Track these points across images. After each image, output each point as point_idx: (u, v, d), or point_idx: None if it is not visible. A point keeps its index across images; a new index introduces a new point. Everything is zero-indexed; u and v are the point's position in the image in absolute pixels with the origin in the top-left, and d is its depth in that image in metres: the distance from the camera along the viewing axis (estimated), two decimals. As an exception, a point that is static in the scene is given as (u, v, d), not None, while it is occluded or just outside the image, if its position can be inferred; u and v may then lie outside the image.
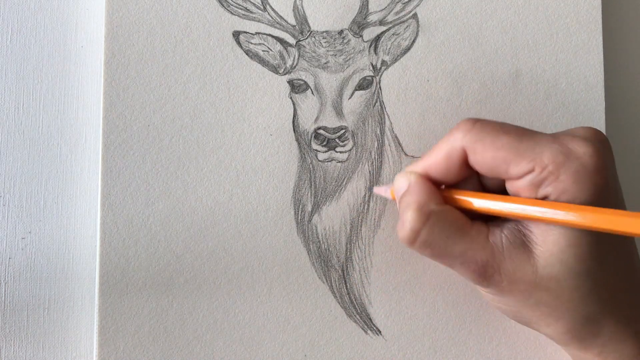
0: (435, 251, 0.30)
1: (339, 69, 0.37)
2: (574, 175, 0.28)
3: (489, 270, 0.30)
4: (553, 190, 0.28)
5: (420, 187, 0.31)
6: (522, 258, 0.29)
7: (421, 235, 0.30)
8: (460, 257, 0.30)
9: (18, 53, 0.38)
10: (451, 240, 0.30)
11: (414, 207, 0.30)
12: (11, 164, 0.38)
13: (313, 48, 0.38)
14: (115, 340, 0.35)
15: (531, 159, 0.29)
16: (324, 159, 0.37)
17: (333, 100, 0.37)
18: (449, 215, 0.30)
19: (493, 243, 0.30)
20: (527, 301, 0.30)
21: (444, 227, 0.30)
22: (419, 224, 0.30)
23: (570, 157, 0.28)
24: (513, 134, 0.29)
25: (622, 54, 0.42)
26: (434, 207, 0.30)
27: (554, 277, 0.29)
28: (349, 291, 0.37)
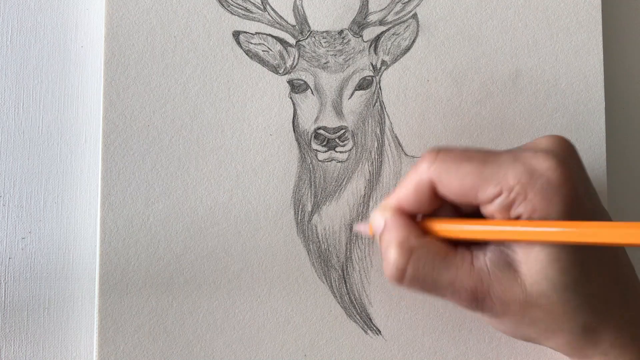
0: (425, 285, 0.30)
1: (339, 69, 0.37)
2: (541, 193, 0.28)
3: (479, 296, 0.30)
4: (524, 210, 0.28)
5: (397, 223, 0.31)
6: (510, 278, 0.29)
7: (407, 272, 0.30)
8: (450, 286, 0.30)
9: (18, 53, 0.38)
10: (436, 271, 0.30)
11: (395, 245, 0.30)
12: (11, 164, 0.38)
13: (313, 48, 0.38)
14: (115, 340, 0.35)
15: (497, 183, 0.29)
16: (324, 159, 0.37)
17: (333, 100, 0.37)
18: (431, 247, 0.30)
19: (478, 268, 0.30)
20: (522, 320, 0.30)
21: (428, 260, 0.30)
22: (403, 261, 0.30)
23: (535, 175, 0.28)
24: (476, 160, 0.30)
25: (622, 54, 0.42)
26: (415, 241, 0.30)
27: (543, 294, 0.29)
28: (349, 291, 0.37)
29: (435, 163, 0.30)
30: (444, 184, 0.30)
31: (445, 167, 0.30)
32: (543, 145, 0.30)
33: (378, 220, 0.32)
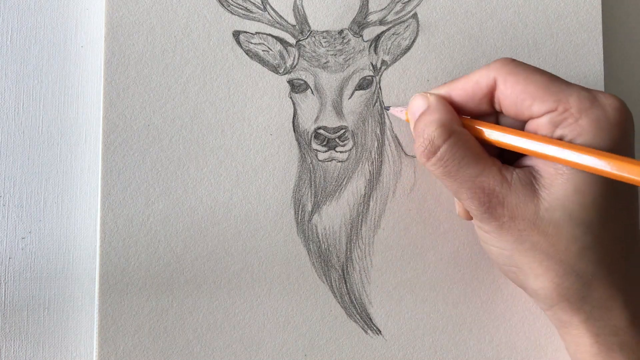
0: (448, 170, 0.31)
1: (339, 69, 0.37)
2: (593, 122, 0.29)
3: (493, 200, 0.30)
4: (569, 131, 0.29)
5: (443, 107, 0.32)
6: (527, 195, 0.30)
7: (440, 151, 0.31)
8: (470, 181, 0.30)
9: (18, 53, 0.38)
10: (465, 161, 0.30)
11: (438, 124, 0.31)
12: (11, 164, 0.38)
13: (313, 48, 0.38)
14: (115, 340, 0.35)
15: (557, 99, 0.29)
16: (324, 158, 0.37)
17: (333, 100, 0.37)
18: (468, 139, 0.31)
19: (503, 176, 0.30)
20: (523, 243, 0.30)
21: (461, 148, 0.31)
22: (440, 139, 0.31)
23: (595, 104, 0.29)
24: (547, 74, 0.30)
25: (622, 54, 0.42)
26: (456, 127, 0.31)
27: (554, 222, 0.29)
28: (349, 291, 0.37)
29: (508, 65, 0.31)
30: (507, 86, 0.30)
31: (515, 70, 0.30)
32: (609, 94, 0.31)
33: (419, 103, 0.33)
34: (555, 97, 0.29)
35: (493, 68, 0.31)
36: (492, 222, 0.30)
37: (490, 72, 0.31)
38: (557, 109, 0.29)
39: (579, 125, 0.29)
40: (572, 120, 0.29)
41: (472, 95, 0.32)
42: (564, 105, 0.29)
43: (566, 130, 0.29)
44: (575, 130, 0.29)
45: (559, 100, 0.29)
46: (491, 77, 0.31)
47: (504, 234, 0.30)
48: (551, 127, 0.30)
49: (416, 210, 0.37)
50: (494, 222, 0.30)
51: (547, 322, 0.37)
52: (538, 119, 0.30)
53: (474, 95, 0.32)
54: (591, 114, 0.29)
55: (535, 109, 0.30)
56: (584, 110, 0.29)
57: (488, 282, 0.37)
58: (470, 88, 0.32)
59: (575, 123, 0.29)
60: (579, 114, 0.29)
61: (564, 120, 0.29)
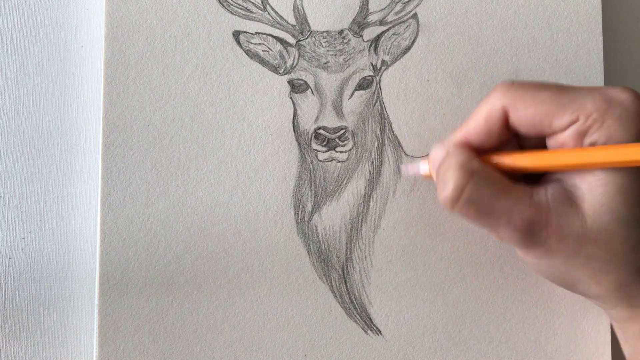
0: (480, 209, 0.30)
1: (339, 69, 0.37)
2: (618, 120, 0.29)
3: (535, 227, 0.29)
4: (599, 136, 0.29)
5: (460, 150, 0.31)
6: (570, 212, 0.29)
7: (465, 193, 0.30)
8: (506, 214, 0.29)
9: (18, 53, 0.38)
10: (496, 197, 0.29)
11: (457, 166, 0.30)
12: (11, 164, 0.38)
13: (313, 48, 0.38)
14: (115, 340, 0.35)
15: (574, 110, 0.29)
16: (324, 158, 0.37)
17: (333, 100, 0.37)
18: (492, 174, 0.30)
19: (538, 200, 0.30)
20: (577, 258, 0.29)
21: (487, 185, 0.30)
22: (463, 181, 0.30)
23: (613, 103, 0.29)
24: (552, 88, 0.30)
25: (622, 54, 0.42)
26: (477, 165, 0.30)
27: (604, 228, 0.29)
28: (349, 291, 0.37)
29: (510, 90, 0.30)
30: (518, 111, 0.30)
31: (520, 94, 0.30)
32: (616, 87, 0.30)
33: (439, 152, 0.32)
34: (572, 109, 0.29)
35: (498, 97, 0.30)
36: (539, 248, 0.30)
37: (497, 103, 0.30)
38: (579, 119, 0.29)
39: (606, 127, 0.29)
40: (598, 125, 0.29)
41: (488, 132, 0.31)
42: (584, 113, 0.29)
43: (595, 137, 0.29)
44: (603, 134, 0.29)
45: (577, 111, 0.29)
46: (500, 108, 0.30)
47: (554, 256, 0.30)
48: (579, 137, 0.29)
49: (416, 210, 0.37)
50: (541, 247, 0.30)
51: (547, 322, 0.37)
52: (562, 133, 0.29)
53: (489, 131, 0.31)
54: (613, 114, 0.29)
55: (556, 125, 0.29)
56: (605, 112, 0.29)
57: (488, 282, 0.37)
58: (483, 125, 0.31)
59: (601, 127, 0.29)
60: (602, 117, 0.29)
61: (589, 127, 0.29)
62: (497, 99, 0.30)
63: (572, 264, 0.30)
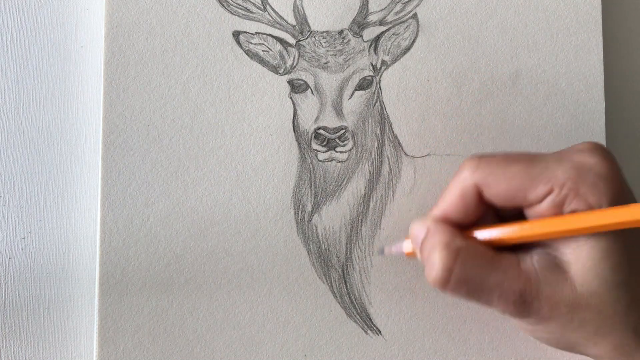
0: (471, 287, 0.29)
1: (339, 69, 0.37)
2: (593, 187, 0.28)
3: (527, 298, 0.29)
4: (577, 205, 0.28)
5: (441, 228, 0.31)
6: (559, 279, 0.29)
7: (454, 273, 0.29)
8: (497, 289, 0.29)
9: (18, 53, 0.38)
10: (485, 273, 0.29)
11: (441, 246, 0.30)
12: (11, 164, 0.38)
13: (313, 48, 0.38)
14: (115, 340, 0.35)
15: (547, 181, 0.29)
16: (324, 159, 0.37)
17: (333, 100, 0.37)
18: (477, 249, 0.30)
19: (526, 270, 0.29)
20: (571, 324, 0.29)
21: (475, 261, 0.29)
22: (450, 261, 0.29)
23: (584, 169, 0.29)
24: (521, 161, 0.30)
25: (622, 54, 0.42)
26: (461, 242, 0.30)
27: (594, 293, 0.29)
28: (349, 291, 0.37)
29: (479, 168, 0.30)
30: (490, 188, 0.30)
31: (490, 171, 0.30)
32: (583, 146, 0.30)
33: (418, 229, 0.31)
34: (544, 180, 0.29)
35: (468, 176, 0.30)
36: (533, 317, 0.30)
37: (467, 181, 0.30)
38: (554, 190, 0.29)
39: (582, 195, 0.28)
40: (574, 194, 0.28)
41: (464, 208, 0.31)
42: (557, 184, 0.29)
43: (573, 205, 0.29)
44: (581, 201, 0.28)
45: (549, 182, 0.29)
46: (472, 185, 0.30)
47: (548, 323, 0.30)
48: (557, 208, 0.29)
49: (416, 210, 0.37)
50: (535, 316, 0.30)
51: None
52: (539, 204, 0.29)
53: (466, 208, 0.31)
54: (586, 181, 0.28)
55: (531, 198, 0.29)
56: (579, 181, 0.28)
57: (488, 282, 0.37)
58: (459, 203, 0.31)
59: (577, 197, 0.28)
60: (576, 186, 0.28)
61: (565, 197, 0.29)
62: (468, 176, 0.30)
63: (567, 329, 0.30)
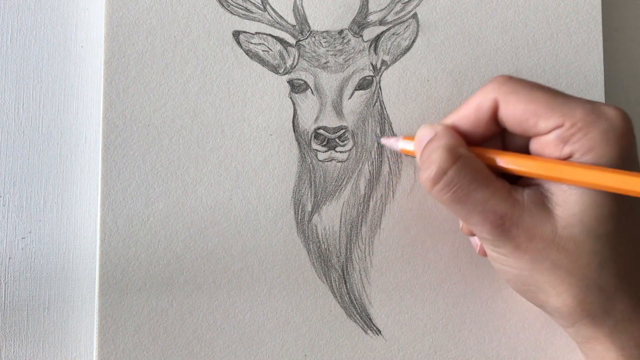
0: (457, 195, 0.30)
1: (339, 69, 0.37)
2: (602, 134, 0.28)
3: (507, 222, 0.29)
4: (580, 147, 0.29)
5: (449, 133, 0.31)
6: (542, 215, 0.29)
7: (447, 175, 0.30)
8: (480, 205, 0.30)
9: (18, 53, 0.38)
10: (474, 185, 0.30)
11: (444, 148, 0.30)
12: (11, 164, 0.38)
13: (313, 48, 0.38)
14: (115, 340, 0.35)
15: (562, 114, 0.29)
16: (324, 158, 0.37)
17: (333, 100, 0.37)
18: (476, 163, 0.30)
19: (515, 198, 0.30)
20: (542, 263, 0.29)
21: (470, 171, 0.30)
22: (447, 163, 0.30)
23: (601, 116, 0.29)
24: (547, 90, 0.30)
25: (622, 54, 0.42)
26: (463, 151, 0.31)
27: (573, 238, 0.29)
28: (349, 291, 0.37)
29: (506, 84, 0.30)
30: (509, 105, 0.30)
31: (515, 89, 0.30)
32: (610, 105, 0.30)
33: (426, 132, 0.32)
34: (560, 113, 0.29)
35: (492, 88, 0.31)
36: (508, 243, 0.30)
37: (490, 94, 0.31)
38: (564, 125, 0.29)
39: (588, 139, 0.29)
40: (581, 135, 0.29)
41: (476, 121, 0.31)
42: (571, 120, 0.29)
43: (576, 146, 0.29)
44: (585, 145, 0.29)
45: (564, 116, 0.29)
46: (492, 99, 0.30)
47: (521, 254, 0.30)
48: (560, 143, 0.29)
49: (416, 210, 0.37)
50: (510, 243, 0.30)
51: (547, 322, 0.37)
52: (545, 136, 0.30)
53: (478, 120, 0.31)
54: (599, 127, 0.29)
55: (541, 127, 0.29)
56: (591, 124, 0.29)
57: (488, 282, 0.37)
58: (473, 114, 0.31)
59: (584, 137, 0.29)
60: (587, 128, 0.29)
61: (572, 135, 0.29)
62: (492, 90, 0.31)
63: (536, 269, 0.30)
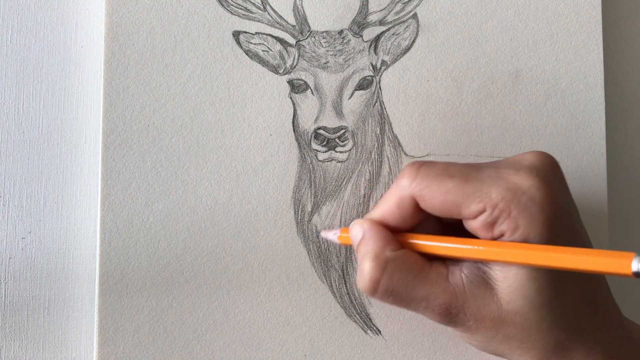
0: (397, 299, 0.30)
1: (338, 69, 0.37)
2: (525, 210, 0.28)
3: (452, 311, 0.30)
4: (507, 227, 0.29)
5: (374, 235, 0.31)
6: (485, 295, 0.29)
7: (381, 285, 0.30)
8: (423, 301, 0.30)
9: (18, 53, 0.38)
10: (410, 285, 0.30)
11: (371, 257, 0.30)
12: (11, 164, 0.38)
13: (313, 48, 0.38)
14: (115, 340, 0.35)
15: (480, 200, 0.29)
16: (324, 159, 0.37)
17: (333, 100, 0.37)
18: (407, 261, 0.30)
19: (454, 284, 0.30)
20: (496, 337, 0.30)
21: (402, 274, 0.30)
22: (377, 273, 0.30)
23: (518, 192, 0.29)
24: (458, 177, 0.30)
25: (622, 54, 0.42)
26: (390, 253, 0.30)
27: (519, 312, 0.29)
28: (349, 291, 0.37)
29: (416, 180, 0.30)
30: (426, 201, 0.30)
31: (426, 184, 0.30)
32: (526, 161, 0.30)
33: (356, 231, 0.32)
34: (477, 199, 0.29)
35: (405, 185, 0.30)
36: (459, 327, 0.30)
37: (405, 191, 0.30)
38: (486, 210, 0.29)
39: (513, 218, 0.28)
40: (505, 216, 0.28)
41: (402, 215, 0.31)
42: (490, 204, 0.29)
43: (503, 227, 0.29)
44: (511, 225, 0.28)
45: (482, 201, 0.29)
46: (409, 197, 0.30)
47: (474, 334, 0.30)
48: (489, 227, 0.29)
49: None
50: (460, 327, 0.30)
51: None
52: (473, 220, 0.29)
53: (403, 215, 0.31)
54: (519, 204, 0.28)
55: (464, 214, 0.29)
56: (510, 202, 0.28)
57: (488, 282, 0.37)
58: (397, 210, 0.31)
59: (509, 218, 0.28)
60: (508, 208, 0.28)
61: (497, 218, 0.29)
62: (405, 186, 0.30)
63: (492, 341, 0.30)
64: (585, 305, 0.30)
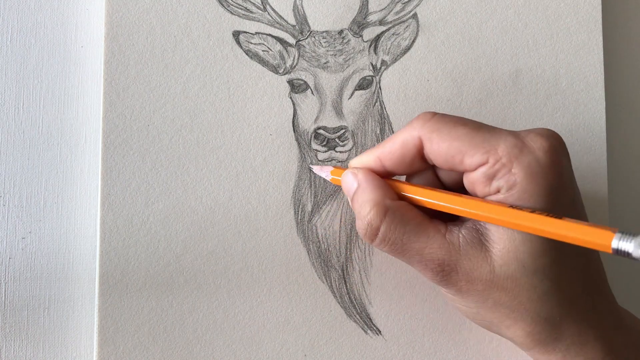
0: (394, 248, 0.30)
1: (338, 69, 0.37)
2: (526, 169, 0.28)
3: (445, 269, 0.30)
4: (504, 183, 0.28)
5: (372, 183, 0.31)
6: (480, 257, 0.29)
7: (380, 232, 0.30)
8: (417, 255, 0.30)
9: (18, 53, 0.38)
10: (407, 237, 0.30)
11: (372, 204, 0.30)
12: (11, 164, 0.38)
13: (313, 48, 0.38)
14: (115, 340, 0.35)
15: (485, 151, 0.29)
16: (324, 158, 0.37)
17: (333, 100, 0.37)
18: (406, 212, 0.30)
19: (450, 242, 0.30)
20: (485, 302, 0.30)
21: (401, 224, 0.30)
22: (377, 220, 0.30)
23: (524, 150, 0.28)
24: (470, 126, 0.30)
25: (622, 54, 0.42)
26: (390, 202, 0.30)
27: (511, 276, 0.29)
28: (349, 291, 0.37)
29: (429, 122, 0.30)
30: (433, 144, 0.30)
31: (438, 127, 0.30)
32: (539, 130, 0.30)
33: (350, 180, 0.32)
34: (483, 149, 0.29)
35: (416, 126, 0.30)
36: (451, 287, 0.30)
37: (414, 132, 0.30)
38: (488, 161, 0.29)
39: (512, 174, 0.28)
40: (505, 171, 0.28)
41: (402, 158, 0.31)
42: (494, 156, 0.28)
43: (501, 182, 0.28)
44: (509, 180, 0.28)
45: (487, 152, 0.28)
46: (416, 137, 0.30)
47: (464, 296, 0.30)
48: (486, 180, 0.29)
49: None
50: (452, 287, 0.30)
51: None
52: (472, 172, 0.29)
53: (403, 158, 0.31)
54: (522, 161, 0.28)
55: (466, 164, 0.29)
56: (514, 158, 0.28)
57: (488, 282, 0.37)
58: (398, 151, 0.31)
59: (508, 173, 0.28)
60: (510, 163, 0.28)
61: (497, 172, 0.28)
62: (416, 127, 0.30)
63: (482, 307, 0.30)
64: (580, 282, 0.30)
